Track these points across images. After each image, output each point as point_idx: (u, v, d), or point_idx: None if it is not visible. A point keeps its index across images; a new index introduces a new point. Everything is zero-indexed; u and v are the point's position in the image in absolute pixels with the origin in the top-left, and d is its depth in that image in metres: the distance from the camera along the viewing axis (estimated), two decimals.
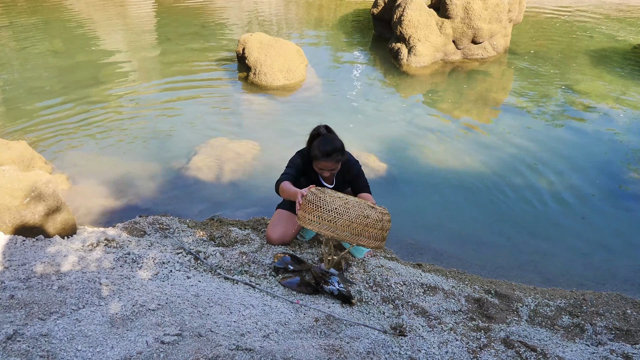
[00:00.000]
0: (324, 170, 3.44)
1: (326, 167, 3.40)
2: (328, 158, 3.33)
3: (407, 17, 8.56)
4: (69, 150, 5.63)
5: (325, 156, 3.33)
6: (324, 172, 3.45)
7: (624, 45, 9.71)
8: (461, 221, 4.71)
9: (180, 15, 11.64)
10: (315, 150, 3.35)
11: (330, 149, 3.32)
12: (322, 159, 3.34)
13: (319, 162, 3.38)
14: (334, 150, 3.32)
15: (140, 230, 3.95)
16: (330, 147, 3.32)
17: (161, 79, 7.89)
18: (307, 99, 7.25)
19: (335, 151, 3.33)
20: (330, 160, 3.34)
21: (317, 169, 3.45)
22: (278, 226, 3.81)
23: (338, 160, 3.37)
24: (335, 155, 3.34)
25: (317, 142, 3.36)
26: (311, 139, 3.47)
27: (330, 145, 3.33)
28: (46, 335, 2.27)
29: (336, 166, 3.42)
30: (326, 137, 3.38)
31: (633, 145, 6.07)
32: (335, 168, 3.44)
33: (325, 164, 3.37)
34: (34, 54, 8.77)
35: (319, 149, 3.33)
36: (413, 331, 2.85)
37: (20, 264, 2.99)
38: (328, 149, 3.32)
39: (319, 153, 3.34)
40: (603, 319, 3.28)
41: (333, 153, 3.33)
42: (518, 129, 6.45)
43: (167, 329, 2.42)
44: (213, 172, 5.21)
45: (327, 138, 3.37)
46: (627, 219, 4.81)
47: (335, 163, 3.38)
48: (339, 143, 3.37)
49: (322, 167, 3.40)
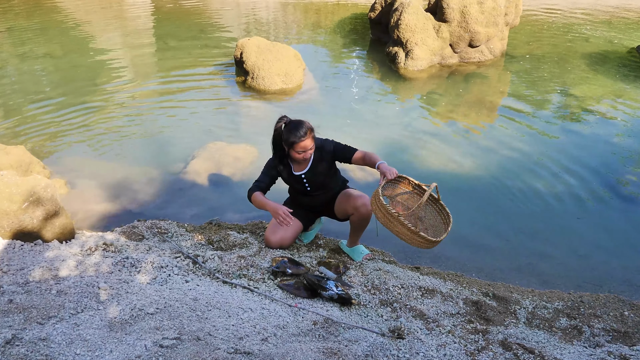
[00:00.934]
0: (305, 153, 3.47)
1: (306, 147, 3.44)
2: (305, 137, 3.39)
3: (404, 21, 8.59)
4: (68, 155, 5.63)
5: (302, 136, 3.38)
6: (305, 154, 3.47)
7: (620, 49, 9.75)
8: (459, 224, 4.70)
9: (178, 20, 11.67)
10: (291, 137, 3.39)
11: (304, 128, 3.39)
12: (300, 140, 3.39)
13: (297, 145, 3.41)
14: (307, 128, 3.40)
15: (138, 235, 3.96)
16: (303, 127, 3.39)
17: (159, 83, 7.90)
18: (304, 103, 7.27)
19: (308, 128, 3.41)
20: (308, 137, 3.40)
21: (296, 154, 3.47)
22: (277, 230, 3.82)
23: (313, 136, 3.45)
24: (310, 132, 3.41)
25: (288, 129, 3.42)
26: (278, 132, 3.51)
27: (302, 126, 3.40)
28: (45, 339, 2.27)
29: (312, 144, 3.48)
30: (293, 122, 3.45)
31: (629, 147, 6.10)
32: (313, 146, 3.50)
33: (305, 144, 3.42)
34: (32, 58, 8.79)
35: (294, 134, 3.38)
36: (411, 334, 2.86)
37: (18, 269, 2.99)
38: (301, 131, 3.38)
39: (295, 138, 3.38)
40: (601, 321, 3.29)
41: (307, 130, 3.40)
42: (515, 132, 6.47)
43: (166, 333, 2.42)
44: (211, 176, 5.22)
45: (295, 122, 3.44)
46: (624, 221, 4.82)
47: (312, 140, 3.45)
48: (306, 123, 3.43)
49: (301, 148, 3.43)
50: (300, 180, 3.71)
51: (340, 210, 3.85)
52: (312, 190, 3.77)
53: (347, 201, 3.74)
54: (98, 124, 6.41)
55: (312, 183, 3.72)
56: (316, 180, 3.72)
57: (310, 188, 3.75)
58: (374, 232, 3.94)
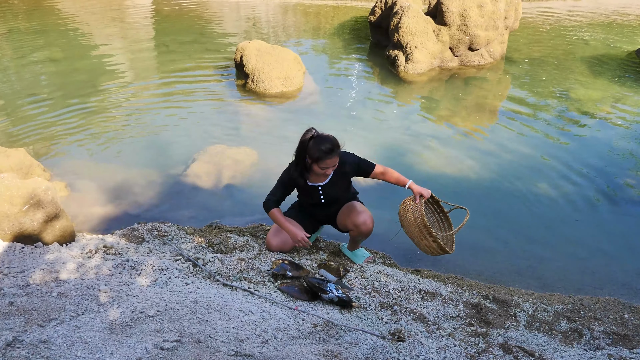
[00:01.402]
0: (328, 169, 3.41)
1: (331, 164, 3.38)
2: (332, 154, 3.32)
3: (404, 24, 8.61)
4: (68, 158, 5.64)
5: (329, 153, 3.31)
6: (327, 170, 3.42)
7: (619, 52, 9.77)
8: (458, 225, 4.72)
9: (178, 22, 11.69)
10: (316, 153, 3.32)
11: (331, 145, 3.31)
12: (326, 157, 3.32)
13: (323, 161, 3.34)
14: (334, 145, 3.33)
15: (138, 237, 3.96)
16: (330, 144, 3.32)
17: (159, 86, 7.91)
18: (305, 106, 7.28)
19: (335, 146, 3.34)
20: (334, 155, 3.34)
21: (319, 169, 3.40)
22: (279, 234, 3.81)
23: (337, 154, 3.38)
24: (336, 150, 3.35)
25: (315, 144, 3.34)
26: (303, 145, 3.43)
27: (330, 142, 3.32)
28: (45, 341, 2.27)
29: (337, 162, 3.43)
30: (321, 136, 3.37)
31: (629, 150, 6.10)
32: (337, 164, 3.45)
33: (330, 161, 3.36)
34: (32, 61, 8.80)
35: (320, 150, 3.31)
36: (411, 337, 2.86)
37: (19, 271, 2.99)
38: (329, 146, 3.31)
39: (321, 153, 3.31)
40: (601, 324, 3.29)
41: (335, 148, 3.33)
42: (515, 135, 6.48)
43: (166, 335, 2.42)
44: (211, 179, 5.22)
45: (323, 137, 3.36)
46: (624, 224, 4.83)
47: (337, 158, 3.39)
48: (333, 138, 3.38)
49: (326, 165, 3.37)
50: (317, 192, 3.66)
51: (341, 223, 3.82)
52: (326, 202, 3.73)
53: (348, 216, 3.71)
54: (98, 127, 6.42)
55: (328, 196, 3.69)
56: (332, 194, 3.68)
57: (325, 200, 3.71)
58: (379, 234, 3.98)
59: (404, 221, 3.59)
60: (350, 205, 3.77)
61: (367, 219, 3.65)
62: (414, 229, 3.54)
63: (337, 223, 3.86)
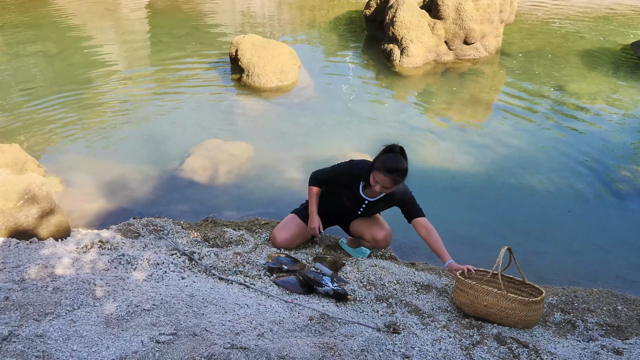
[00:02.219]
0: (377, 185, 3.31)
1: (382, 183, 3.28)
2: (389, 174, 3.22)
3: (399, 18, 8.60)
4: (63, 153, 5.63)
5: (387, 172, 3.22)
6: (376, 186, 3.32)
7: (614, 46, 9.79)
8: (454, 220, 4.74)
9: (172, 16, 11.65)
10: (380, 163, 3.25)
11: (395, 167, 3.21)
12: (382, 173, 3.23)
13: (378, 174, 3.26)
14: (397, 169, 3.22)
15: (134, 232, 3.96)
16: (395, 166, 3.22)
17: (154, 81, 7.89)
18: (300, 101, 7.27)
19: (398, 171, 3.23)
20: (390, 177, 3.23)
21: (373, 180, 3.33)
22: (287, 231, 3.80)
23: (396, 181, 3.26)
24: (396, 175, 3.23)
25: (385, 156, 3.27)
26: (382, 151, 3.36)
27: (396, 164, 3.23)
28: (41, 335, 2.28)
29: (391, 186, 3.30)
30: (397, 155, 3.28)
31: (623, 144, 6.13)
32: (389, 188, 3.32)
33: (383, 179, 3.25)
34: (26, 56, 8.76)
35: (384, 163, 3.23)
36: (407, 329, 2.88)
37: (14, 266, 2.99)
38: (393, 167, 3.21)
39: (382, 166, 3.23)
40: (594, 315, 3.32)
41: (395, 172, 3.22)
42: (510, 129, 6.50)
43: (162, 329, 2.43)
44: (207, 174, 5.22)
45: (397, 157, 3.27)
46: (618, 217, 4.86)
47: (392, 182, 3.26)
48: (404, 166, 3.26)
49: (379, 180, 3.28)
50: (361, 203, 3.61)
51: (357, 231, 3.77)
52: (360, 215, 3.70)
53: (369, 228, 3.67)
54: (93, 122, 6.40)
55: (367, 212, 3.67)
56: (371, 211, 3.67)
57: (362, 213, 3.68)
58: None
59: (464, 299, 3.16)
60: (372, 216, 3.74)
61: (387, 236, 3.64)
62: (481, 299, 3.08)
63: (352, 229, 3.81)
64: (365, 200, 3.59)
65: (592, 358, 2.78)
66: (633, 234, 4.63)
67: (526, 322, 3.02)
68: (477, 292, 3.06)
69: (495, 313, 3.03)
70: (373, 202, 3.59)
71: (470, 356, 2.67)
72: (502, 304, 3.00)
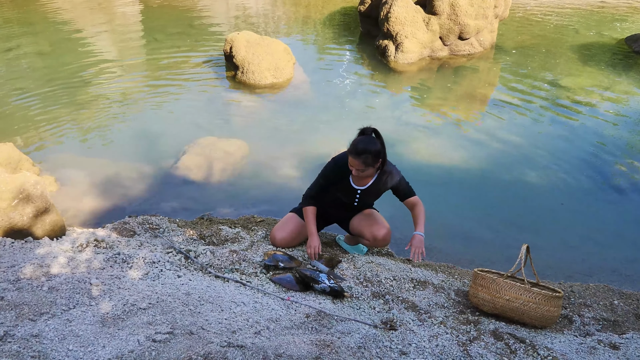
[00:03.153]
0: (352, 169, 3.34)
1: (354, 165, 3.30)
2: (357, 156, 3.23)
3: (393, 14, 8.59)
4: (57, 152, 5.59)
5: (356, 154, 3.23)
6: (352, 170, 3.35)
7: (609, 40, 9.80)
8: (450, 216, 4.75)
9: (166, 14, 11.60)
10: (351, 146, 3.27)
11: (363, 149, 3.22)
12: (352, 155, 3.26)
13: (349, 158, 3.29)
14: (365, 150, 3.22)
15: (129, 231, 3.94)
16: (363, 147, 3.22)
17: (148, 78, 7.86)
18: (295, 97, 7.25)
19: (366, 152, 3.22)
20: (359, 159, 3.24)
21: (350, 165, 3.35)
22: (286, 230, 3.77)
23: (366, 162, 3.25)
24: (365, 157, 3.23)
25: (356, 139, 3.29)
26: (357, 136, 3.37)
27: (365, 145, 3.23)
28: (37, 335, 2.26)
29: (362, 168, 3.29)
30: (367, 137, 3.29)
31: (619, 138, 6.15)
32: (362, 170, 3.31)
33: (353, 162, 3.27)
34: (19, 55, 8.70)
35: (354, 145, 3.26)
36: (403, 325, 2.88)
37: (9, 266, 2.97)
38: (360, 148, 3.22)
39: (352, 148, 3.26)
40: (591, 310, 3.33)
41: (364, 153, 3.22)
42: (505, 124, 6.50)
43: (159, 328, 2.42)
44: (202, 172, 5.21)
45: (367, 138, 3.28)
46: (614, 212, 4.87)
47: (362, 164, 3.26)
48: (373, 147, 3.25)
49: (351, 164, 3.31)
50: (354, 194, 3.60)
51: (356, 229, 3.76)
52: (357, 206, 3.69)
53: (368, 226, 3.65)
54: (87, 120, 6.37)
55: (362, 201, 3.64)
56: (366, 200, 3.65)
57: (357, 204, 3.67)
58: None
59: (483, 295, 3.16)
60: (371, 214, 3.72)
61: (387, 235, 3.62)
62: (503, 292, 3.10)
63: (351, 228, 3.80)
64: (357, 190, 3.57)
65: (588, 353, 2.79)
66: (629, 228, 4.64)
67: (546, 318, 3.01)
68: (499, 286, 3.07)
69: (517, 307, 3.02)
70: (365, 190, 3.57)
71: (467, 352, 2.67)
72: (525, 297, 3.01)
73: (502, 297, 3.05)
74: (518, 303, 3.02)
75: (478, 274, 3.19)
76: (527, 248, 3.15)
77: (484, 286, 3.13)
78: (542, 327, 3.07)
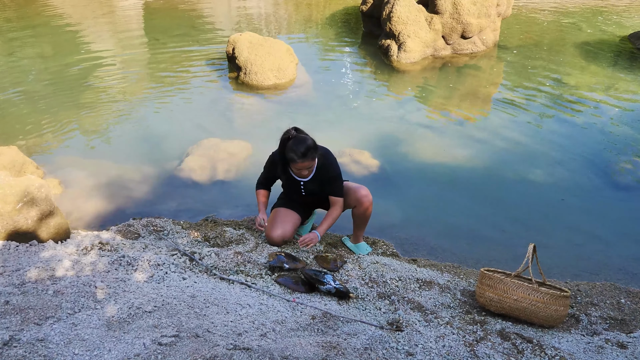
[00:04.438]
0: (303, 171, 3.51)
1: (304, 167, 3.46)
2: (304, 158, 3.38)
3: (396, 13, 8.57)
4: (61, 154, 5.60)
5: (302, 157, 3.37)
6: (303, 172, 3.52)
7: (611, 37, 9.77)
8: (455, 215, 4.73)
9: (168, 16, 11.60)
10: (290, 153, 3.39)
11: (304, 149, 3.35)
12: (299, 160, 3.38)
13: (296, 164, 3.42)
14: (307, 149, 3.36)
15: (134, 233, 3.94)
16: (304, 148, 3.35)
17: (151, 80, 7.86)
18: (298, 98, 7.25)
19: (309, 150, 3.37)
20: (307, 159, 3.39)
21: (296, 169, 3.51)
22: (277, 225, 3.81)
23: (313, 157, 3.43)
24: (310, 154, 3.38)
25: (290, 145, 3.40)
26: (283, 143, 3.49)
27: (303, 146, 3.36)
28: (43, 340, 2.26)
29: (312, 164, 3.47)
30: (297, 138, 3.40)
31: (623, 135, 6.12)
32: (312, 165, 3.50)
33: (303, 164, 3.42)
34: (22, 57, 8.72)
35: (294, 152, 3.37)
36: (410, 326, 2.86)
37: (14, 270, 2.97)
38: (302, 150, 3.35)
39: (294, 155, 3.37)
40: (597, 309, 3.31)
41: (307, 152, 3.37)
42: (509, 122, 6.48)
43: (164, 331, 2.41)
44: (206, 173, 5.20)
45: (299, 139, 3.39)
46: (619, 209, 4.84)
47: (311, 161, 3.43)
48: (310, 141, 3.40)
49: (299, 167, 3.45)
50: (298, 185, 3.73)
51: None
52: (306, 195, 3.80)
53: (347, 195, 3.75)
54: (91, 123, 6.37)
55: (309, 190, 3.75)
56: (312, 189, 3.73)
57: (306, 193, 3.78)
58: (375, 224, 3.93)
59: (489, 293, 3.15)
60: (345, 185, 3.81)
61: (367, 191, 3.72)
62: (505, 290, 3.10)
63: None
64: (300, 182, 3.70)
65: (596, 352, 2.77)
66: (635, 226, 4.62)
67: (555, 318, 3.00)
68: (507, 286, 3.06)
69: (525, 307, 3.01)
70: (308, 182, 3.68)
71: (474, 352, 2.66)
72: (534, 297, 3.00)
73: (510, 297, 3.04)
74: (526, 303, 3.01)
75: (485, 274, 3.17)
76: (533, 247, 3.14)
77: (491, 286, 3.12)
78: (550, 326, 3.06)
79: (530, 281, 3.13)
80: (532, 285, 3.04)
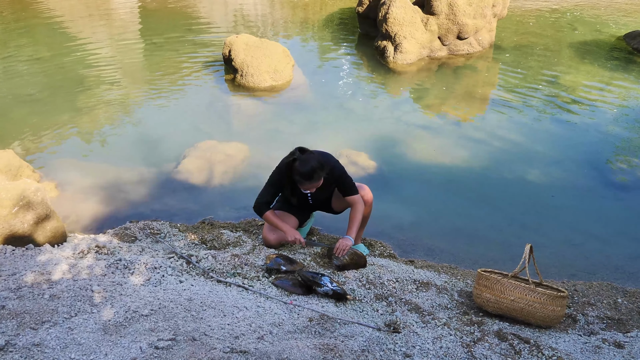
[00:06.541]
0: (312, 189, 3.50)
1: (313, 187, 3.45)
2: (311, 180, 3.35)
3: (392, 14, 8.58)
4: (57, 158, 5.58)
5: (308, 179, 3.35)
6: (311, 189, 3.50)
7: (607, 37, 9.79)
8: (452, 216, 4.74)
9: (164, 18, 11.59)
10: (297, 176, 3.37)
11: (310, 171, 3.32)
12: (306, 183, 3.38)
13: (303, 184, 3.41)
14: (312, 171, 3.32)
15: (131, 236, 3.93)
16: (309, 169, 3.32)
17: (147, 83, 7.85)
18: (294, 100, 7.25)
19: (314, 171, 3.33)
20: (314, 181, 3.36)
21: (305, 189, 3.49)
22: (275, 229, 3.80)
23: (320, 177, 3.38)
24: (316, 175, 3.34)
25: (296, 168, 3.36)
26: (288, 166, 3.44)
27: (308, 167, 3.32)
28: (39, 344, 2.25)
29: (320, 182, 3.43)
30: (302, 160, 3.36)
31: (620, 135, 6.13)
32: (320, 184, 3.46)
33: (311, 185, 3.41)
34: (18, 60, 8.70)
35: (300, 174, 3.34)
36: (407, 327, 2.86)
37: (10, 274, 2.96)
38: (308, 172, 3.32)
39: (300, 178, 3.36)
40: (595, 309, 3.31)
41: (314, 174, 3.33)
42: (506, 122, 6.49)
43: (161, 334, 2.41)
44: (203, 175, 5.20)
45: (303, 161, 3.35)
46: (616, 209, 4.85)
47: (318, 179, 3.39)
48: (315, 162, 3.34)
49: (309, 188, 3.45)
50: (305, 197, 3.74)
51: (338, 205, 3.88)
52: (314, 204, 3.84)
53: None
54: (87, 125, 6.36)
55: (317, 200, 3.77)
56: (320, 197, 3.75)
57: (313, 203, 3.81)
58: (373, 225, 3.93)
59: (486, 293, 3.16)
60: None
61: (365, 191, 3.73)
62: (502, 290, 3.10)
63: (333, 206, 3.92)
64: (307, 194, 3.69)
65: (593, 352, 2.78)
66: (631, 225, 4.63)
67: (552, 318, 3.01)
68: (504, 286, 3.07)
69: (522, 308, 3.02)
70: (316, 193, 3.65)
71: (471, 353, 2.66)
72: (531, 298, 3.00)
73: (507, 298, 3.05)
74: (523, 303, 3.01)
75: (482, 275, 3.18)
76: (530, 248, 3.14)
77: (488, 287, 3.12)
78: (547, 327, 3.06)
79: (527, 282, 3.13)
80: (529, 285, 3.05)
